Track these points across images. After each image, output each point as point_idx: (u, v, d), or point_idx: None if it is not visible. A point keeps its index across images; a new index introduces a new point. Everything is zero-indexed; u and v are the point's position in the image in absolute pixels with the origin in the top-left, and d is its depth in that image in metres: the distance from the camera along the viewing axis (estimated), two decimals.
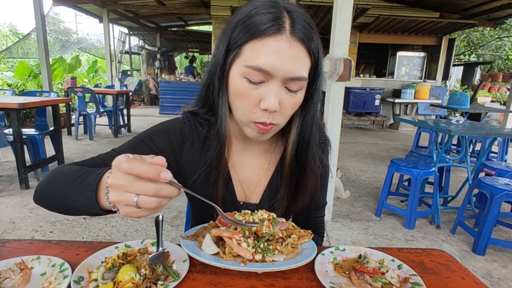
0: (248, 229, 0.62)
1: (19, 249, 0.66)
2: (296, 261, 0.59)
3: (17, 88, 6.71)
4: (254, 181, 0.79)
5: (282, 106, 0.61)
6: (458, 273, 0.65)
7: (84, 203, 0.53)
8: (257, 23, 0.57)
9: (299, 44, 0.59)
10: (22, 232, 2.28)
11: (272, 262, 0.59)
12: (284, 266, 0.57)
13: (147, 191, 0.43)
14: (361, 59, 8.57)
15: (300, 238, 0.66)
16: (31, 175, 3.23)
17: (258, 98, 0.60)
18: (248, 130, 0.66)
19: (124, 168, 0.42)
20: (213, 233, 0.63)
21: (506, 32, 11.32)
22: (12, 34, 13.55)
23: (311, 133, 0.71)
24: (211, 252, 0.60)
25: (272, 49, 0.57)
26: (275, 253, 0.61)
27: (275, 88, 0.59)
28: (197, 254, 0.58)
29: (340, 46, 2.40)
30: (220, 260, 0.58)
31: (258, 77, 0.59)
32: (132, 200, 0.43)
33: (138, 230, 2.38)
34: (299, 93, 0.63)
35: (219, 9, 7.00)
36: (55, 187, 0.59)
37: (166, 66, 12.04)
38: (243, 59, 0.59)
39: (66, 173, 0.59)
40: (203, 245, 0.61)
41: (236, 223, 0.60)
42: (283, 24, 0.57)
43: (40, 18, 5.09)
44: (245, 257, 0.58)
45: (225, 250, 0.60)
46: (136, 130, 6.37)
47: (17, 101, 2.86)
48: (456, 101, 4.44)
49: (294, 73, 0.59)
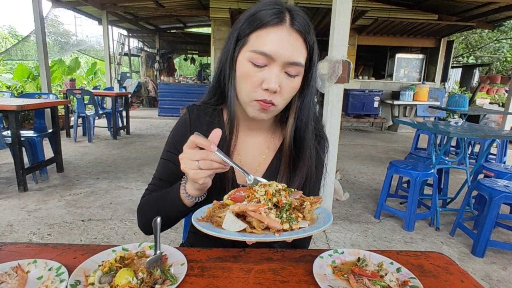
0: (270, 200, 0.62)
1: (16, 253, 0.66)
2: (320, 224, 0.60)
3: (16, 90, 6.70)
4: (254, 165, 0.85)
5: (282, 88, 0.70)
6: (457, 276, 0.65)
7: (173, 207, 0.74)
8: (262, 16, 0.68)
9: (297, 35, 0.68)
10: (20, 235, 2.27)
11: (300, 229, 0.60)
12: (314, 230, 0.58)
13: (204, 156, 0.63)
14: (360, 61, 8.60)
15: (313, 204, 0.67)
16: (29, 177, 3.22)
17: (261, 80, 0.69)
18: (249, 109, 0.73)
19: (190, 141, 0.64)
20: (234, 210, 0.61)
21: (504, 34, 11.37)
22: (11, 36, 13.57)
23: (308, 116, 0.80)
24: (237, 229, 0.58)
25: (275, 36, 0.67)
26: (298, 220, 0.61)
27: (276, 71, 0.68)
28: (223, 233, 0.56)
29: (339, 48, 2.41)
30: (252, 235, 0.57)
31: (262, 60, 0.68)
32: (195, 164, 0.63)
33: (137, 232, 2.37)
34: (297, 78, 0.72)
35: (218, 11, 7.02)
36: (150, 213, 0.78)
37: (165, 68, 12.05)
38: (249, 46, 0.69)
39: (149, 201, 0.82)
40: (225, 223, 0.59)
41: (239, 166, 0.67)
42: (284, 18, 0.68)
43: (39, 20, 5.10)
44: (276, 228, 0.58)
45: (253, 224, 0.59)
46: (135, 132, 6.37)
47: (16, 103, 2.85)
48: (454, 103, 4.45)
49: (292, 58, 0.68)
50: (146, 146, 5.13)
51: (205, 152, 0.63)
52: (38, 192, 3.05)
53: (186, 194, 0.71)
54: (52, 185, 3.27)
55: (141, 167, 4.01)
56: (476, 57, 12.52)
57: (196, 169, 0.63)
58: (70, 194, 3.05)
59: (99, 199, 2.96)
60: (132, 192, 3.16)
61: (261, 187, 0.65)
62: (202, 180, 0.64)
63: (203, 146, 0.63)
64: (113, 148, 4.94)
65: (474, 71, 10.91)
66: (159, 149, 4.92)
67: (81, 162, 4.09)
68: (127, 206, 2.84)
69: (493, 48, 12.18)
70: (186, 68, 18.10)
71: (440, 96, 7.47)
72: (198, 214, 0.66)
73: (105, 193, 3.12)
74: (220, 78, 0.79)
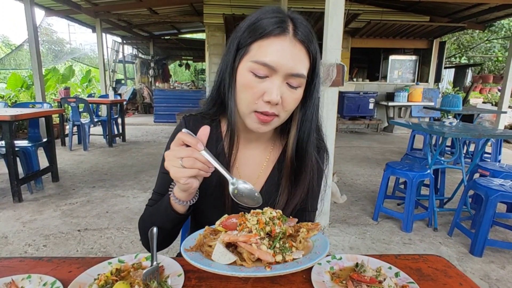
0: (262, 230, 0.59)
1: (9, 268, 0.65)
2: (316, 255, 0.57)
3: (9, 100, 6.66)
4: (253, 177, 0.83)
5: (284, 100, 0.68)
6: (455, 279, 0.64)
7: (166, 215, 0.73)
8: (264, 25, 0.65)
9: (300, 45, 0.66)
10: (15, 247, 2.24)
11: (294, 260, 0.57)
12: (309, 262, 0.55)
13: (188, 153, 0.60)
14: (354, 63, 8.66)
15: (310, 231, 0.64)
16: (24, 187, 3.18)
17: (262, 91, 0.66)
18: (248, 120, 0.71)
19: (177, 138, 0.61)
20: (224, 240, 0.57)
21: (495, 34, 11.52)
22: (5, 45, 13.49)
23: (311, 128, 0.77)
24: (227, 262, 0.55)
25: (277, 47, 0.65)
26: (292, 250, 0.58)
27: (278, 82, 0.66)
28: (212, 266, 0.53)
29: (332, 51, 2.42)
30: (242, 269, 0.54)
31: (263, 71, 0.65)
32: (179, 162, 0.60)
33: (134, 241, 2.35)
34: (299, 89, 0.69)
35: (211, 17, 7.04)
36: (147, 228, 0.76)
37: (160, 74, 12.05)
38: (251, 56, 0.67)
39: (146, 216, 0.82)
40: (215, 254, 0.56)
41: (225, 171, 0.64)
42: (287, 27, 0.65)
43: (32, 28, 5.08)
44: (267, 261, 0.55)
45: (244, 256, 0.56)
46: (130, 139, 6.34)
47: (10, 113, 2.83)
48: (448, 103, 4.49)
49: (295, 70, 0.66)
50: (143, 153, 5.11)
51: (190, 150, 0.60)
52: (33, 203, 3.01)
53: (174, 198, 0.69)
54: (47, 195, 3.23)
55: (137, 174, 3.98)
56: (468, 57, 12.67)
57: (178, 167, 0.60)
58: (66, 203, 3.02)
59: (95, 208, 2.93)
60: (129, 200, 3.14)
61: (253, 215, 0.61)
62: (184, 180, 0.61)
63: (189, 144, 0.60)
64: (109, 155, 4.91)
65: (466, 71, 11.04)
66: (156, 156, 4.93)
67: (76, 171, 4.06)
68: (124, 214, 2.81)
69: (485, 48, 12.34)
70: (181, 74, 18.10)
71: (434, 96, 7.54)
72: (188, 243, 0.63)
73: (101, 201, 3.09)
74: (220, 88, 0.76)
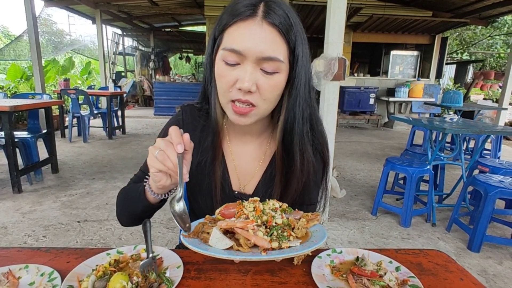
0: (259, 217, 0.59)
1: (7, 258, 0.64)
2: (312, 243, 0.57)
3: (9, 91, 6.61)
4: (250, 172, 0.81)
5: (260, 87, 0.64)
6: (456, 274, 0.64)
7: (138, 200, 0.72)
8: (235, 10, 0.63)
9: (271, 28, 0.62)
10: (14, 237, 2.24)
11: (289, 248, 0.57)
12: (304, 250, 0.55)
13: (165, 148, 0.58)
14: (355, 58, 8.61)
15: (309, 222, 0.64)
16: (24, 178, 3.18)
17: (235, 79, 0.64)
18: (228, 112, 0.69)
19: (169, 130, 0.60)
20: (221, 226, 0.58)
21: (497, 31, 11.44)
22: (4, 36, 13.38)
23: (294, 118, 0.71)
24: (224, 247, 0.56)
25: (244, 31, 0.62)
26: (290, 239, 0.58)
27: (249, 68, 0.62)
28: (209, 250, 0.54)
29: (334, 45, 2.40)
30: (238, 253, 0.55)
31: (233, 58, 0.63)
32: (156, 152, 0.59)
33: (133, 233, 2.35)
34: (277, 75, 0.65)
35: (212, 9, 6.97)
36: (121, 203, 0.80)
37: (160, 67, 11.99)
38: (223, 44, 0.65)
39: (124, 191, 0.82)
40: (211, 240, 0.57)
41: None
42: (256, 10, 0.62)
43: (31, 19, 5.02)
44: (263, 246, 0.55)
45: (240, 242, 0.56)
46: (130, 131, 6.32)
47: (9, 103, 2.81)
48: (449, 99, 4.47)
49: (265, 53, 0.61)
50: (142, 146, 5.09)
51: (168, 146, 0.58)
52: (33, 194, 3.01)
53: (147, 186, 0.69)
54: (47, 186, 3.23)
55: (137, 166, 3.93)
56: (470, 53, 12.59)
57: (153, 156, 0.60)
58: (66, 195, 3.02)
59: (95, 200, 2.93)
60: None
61: (250, 203, 0.62)
62: (153, 170, 0.60)
63: (172, 141, 0.59)
64: (109, 148, 4.90)
65: (468, 67, 10.99)
66: None
67: (76, 163, 4.05)
68: None
69: (487, 44, 12.26)
70: (182, 67, 17.99)
71: (435, 92, 7.52)
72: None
73: (101, 193, 3.09)
74: (205, 82, 0.75)
